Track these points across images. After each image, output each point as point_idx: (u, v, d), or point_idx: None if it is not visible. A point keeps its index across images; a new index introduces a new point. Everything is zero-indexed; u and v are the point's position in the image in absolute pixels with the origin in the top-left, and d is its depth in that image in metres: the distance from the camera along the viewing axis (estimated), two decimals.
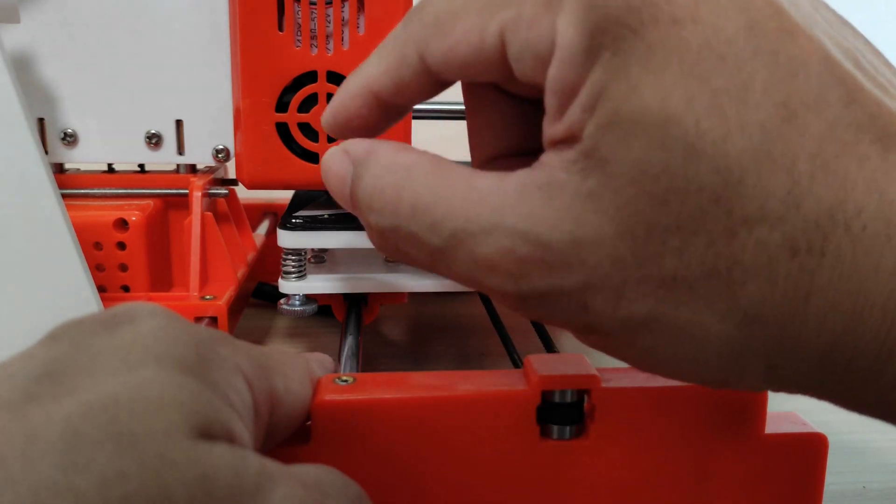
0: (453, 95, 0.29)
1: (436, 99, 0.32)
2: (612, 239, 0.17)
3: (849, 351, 0.17)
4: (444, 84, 0.22)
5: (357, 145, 0.21)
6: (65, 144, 0.38)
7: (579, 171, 0.17)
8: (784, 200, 0.16)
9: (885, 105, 0.17)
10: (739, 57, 0.17)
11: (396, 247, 0.20)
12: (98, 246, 0.36)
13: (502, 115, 0.23)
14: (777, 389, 0.19)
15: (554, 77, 0.18)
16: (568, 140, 0.18)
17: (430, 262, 0.19)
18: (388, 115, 0.24)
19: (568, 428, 0.22)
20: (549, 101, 0.18)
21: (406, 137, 0.34)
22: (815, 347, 0.17)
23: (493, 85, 0.23)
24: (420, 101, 0.23)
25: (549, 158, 0.18)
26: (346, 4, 0.32)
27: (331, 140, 0.33)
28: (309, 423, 0.21)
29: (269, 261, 0.44)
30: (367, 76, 0.23)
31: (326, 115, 0.24)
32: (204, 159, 0.39)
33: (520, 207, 0.18)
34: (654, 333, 0.18)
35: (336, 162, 0.22)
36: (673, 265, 0.17)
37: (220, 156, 0.39)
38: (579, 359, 0.23)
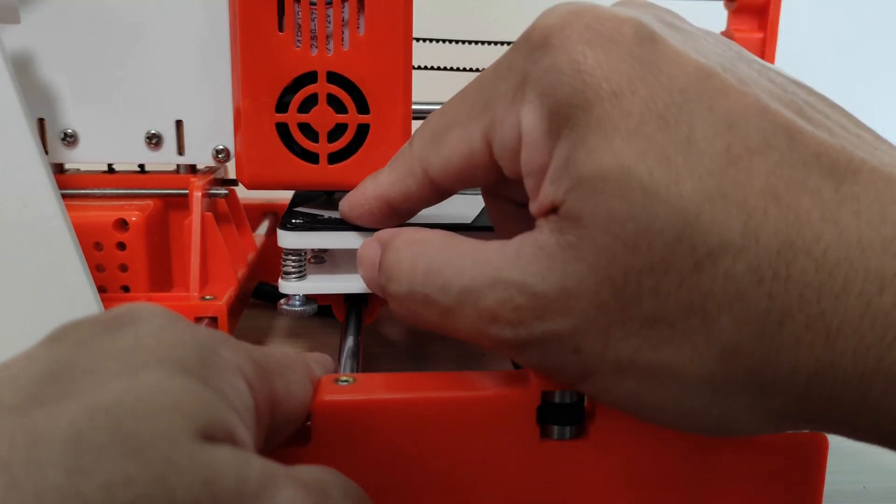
0: (453, 95, 0.29)
1: (436, 99, 0.32)
2: (594, 285, 0.19)
3: (830, 373, 0.17)
4: (446, 192, 0.26)
5: (385, 232, 0.26)
6: (65, 144, 0.38)
7: (559, 230, 0.19)
8: (742, 233, 0.17)
9: (829, 143, 0.18)
10: (677, 115, 0.19)
11: (411, 310, 0.23)
12: (98, 246, 0.36)
13: (511, 210, 0.27)
14: (778, 427, 0.19)
15: (526, 160, 0.21)
16: (547, 212, 0.20)
17: (441, 321, 0.22)
18: (396, 216, 0.28)
19: (568, 428, 0.22)
20: (528, 183, 0.21)
21: (405, 138, 0.34)
22: (797, 374, 0.18)
23: (499, 193, 0.26)
24: (425, 207, 0.28)
25: (539, 223, 0.20)
26: (346, 4, 0.32)
27: (330, 141, 0.33)
28: (309, 423, 0.21)
29: (269, 261, 0.44)
30: (381, 184, 0.27)
31: (343, 206, 0.30)
32: (204, 159, 0.39)
33: (516, 264, 0.20)
34: (641, 375, 0.19)
35: (368, 249, 0.26)
36: (651, 305, 0.18)
37: (220, 156, 0.39)
38: None
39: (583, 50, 0.20)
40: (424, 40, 0.41)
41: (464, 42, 0.43)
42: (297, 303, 0.34)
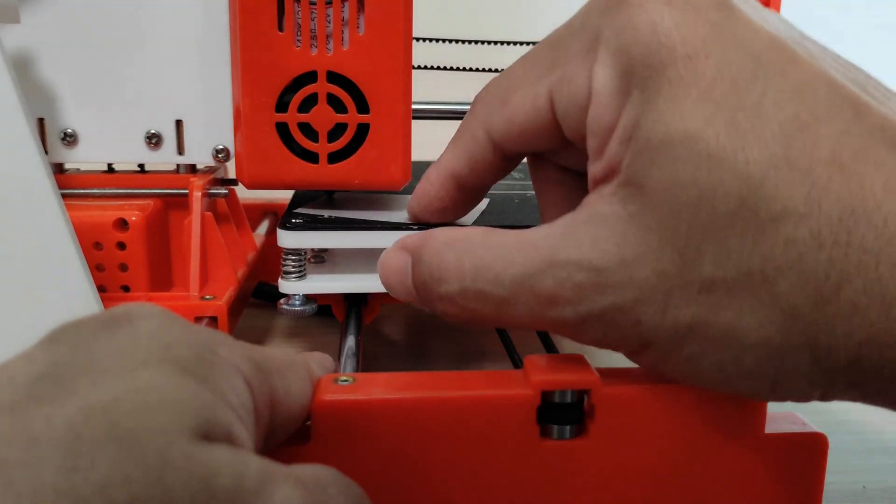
0: (453, 95, 0.29)
1: (435, 98, 0.31)
2: (654, 252, 0.19)
3: (883, 340, 0.18)
4: (510, 159, 0.26)
5: (410, 238, 0.25)
6: (65, 144, 0.38)
7: (620, 200, 0.20)
8: (805, 200, 0.18)
9: (892, 118, 0.19)
10: (749, 81, 0.19)
11: (465, 307, 0.22)
12: (98, 246, 0.36)
13: (560, 187, 0.27)
14: (825, 394, 0.20)
15: (593, 118, 0.21)
16: (608, 175, 0.20)
17: (497, 313, 0.22)
18: (464, 196, 0.28)
19: (568, 428, 0.22)
20: (591, 143, 0.21)
21: (406, 141, 0.34)
22: (850, 340, 0.18)
23: (550, 162, 0.27)
24: (492, 182, 0.28)
25: (589, 199, 0.21)
26: (346, 4, 0.32)
27: (330, 141, 0.33)
28: (309, 423, 0.21)
29: (269, 261, 0.44)
30: (445, 162, 0.27)
31: (412, 201, 0.30)
32: (204, 159, 0.39)
33: (569, 243, 0.20)
34: (699, 340, 0.19)
35: (393, 258, 0.25)
36: (711, 269, 0.19)
37: (220, 156, 0.39)
38: (579, 359, 0.23)
39: (661, 10, 0.20)
40: (424, 40, 0.41)
41: (464, 42, 0.43)
42: (297, 302, 0.34)
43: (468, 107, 0.27)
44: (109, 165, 0.40)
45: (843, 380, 0.19)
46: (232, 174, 0.38)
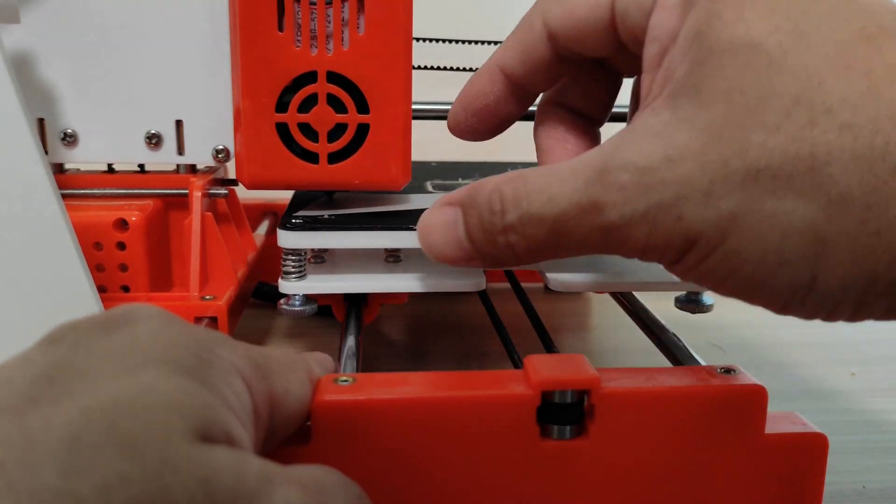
0: (453, 95, 0.29)
1: (435, 98, 0.31)
2: (701, 148, 0.19)
3: None
4: (562, 61, 0.26)
5: (453, 194, 0.25)
6: (65, 144, 0.38)
7: (671, 108, 0.20)
8: (864, 93, 0.18)
9: None
10: None
11: (525, 234, 0.22)
12: (98, 246, 0.36)
13: (564, 138, 0.28)
14: (862, 301, 0.19)
15: (656, 23, 0.21)
16: (662, 86, 0.21)
17: (553, 235, 0.22)
18: (512, 96, 0.28)
19: (568, 428, 0.22)
20: (649, 50, 0.21)
21: (406, 141, 0.34)
22: None
23: (562, 106, 0.28)
24: (541, 88, 0.28)
25: (639, 115, 0.21)
26: (346, 4, 0.32)
27: (330, 141, 0.33)
28: (309, 423, 0.21)
29: (269, 261, 0.44)
30: (496, 55, 0.27)
31: (455, 106, 0.29)
32: (204, 159, 0.39)
33: (617, 153, 0.20)
34: (741, 230, 0.19)
35: (438, 214, 0.25)
36: (756, 157, 0.19)
37: (220, 156, 0.39)
38: (579, 359, 0.23)
39: None
40: (424, 40, 0.41)
41: (464, 42, 0.43)
42: (297, 303, 0.34)
43: None
44: (109, 165, 0.40)
45: (884, 278, 0.19)
46: (232, 174, 0.38)
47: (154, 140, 0.38)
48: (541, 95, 0.29)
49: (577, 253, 0.22)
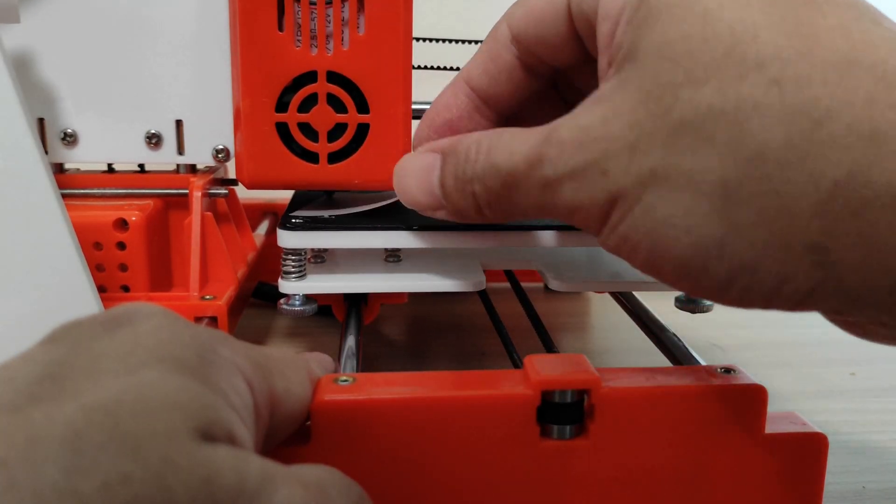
0: None
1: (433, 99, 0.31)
2: (632, 106, 0.19)
3: (864, 176, 0.17)
4: (527, 70, 0.26)
5: (440, 141, 0.25)
6: (65, 144, 0.38)
7: (616, 73, 0.20)
8: (799, 50, 0.18)
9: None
10: None
11: (487, 186, 0.23)
12: (98, 246, 0.36)
13: (543, 99, 0.28)
14: (784, 276, 0.18)
15: (606, 1, 0.21)
16: (612, 60, 0.21)
17: (504, 184, 0.22)
18: (477, 110, 0.28)
19: (568, 428, 0.22)
20: (602, 28, 0.22)
21: (406, 141, 0.34)
22: (823, 178, 0.17)
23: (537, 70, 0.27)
24: (506, 101, 0.27)
25: (595, 92, 0.21)
26: (346, 4, 0.32)
27: (330, 141, 0.33)
28: (309, 423, 0.21)
29: (269, 261, 0.44)
30: (465, 66, 0.28)
31: (423, 118, 0.29)
32: (204, 159, 0.39)
33: (568, 117, 0.21)
34: (659, 187, 0.19)
35: (417, 159, 0.25)
36: (681, 112, 0.19)
37: (220, 156, 0.39)
38: (579, 359, 0.23)
39: None
40: (424, 40, 0.41)
41: (464, 42, 0.43)
42: (297, 302, 0.34)
43: None
44: (109, 165, 0.40)
45: (802, 237, 0.18)
46: (232, 174, 0.38)
47: (154, 140, 0.38)
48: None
49: (526, 212, 0.23)
